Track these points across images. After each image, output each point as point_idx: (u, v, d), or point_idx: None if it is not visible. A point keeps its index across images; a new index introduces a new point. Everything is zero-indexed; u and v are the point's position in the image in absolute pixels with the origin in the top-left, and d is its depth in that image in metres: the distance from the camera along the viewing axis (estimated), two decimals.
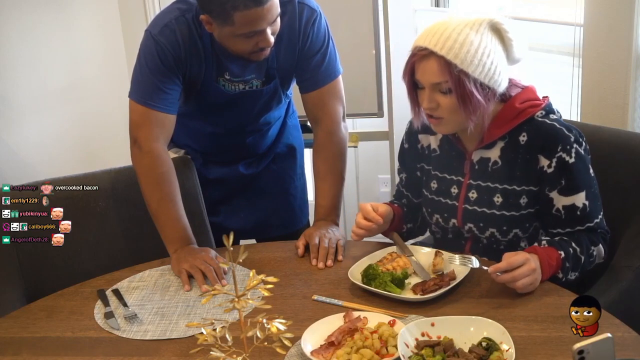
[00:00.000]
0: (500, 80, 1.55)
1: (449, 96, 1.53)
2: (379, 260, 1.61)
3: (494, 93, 1.56)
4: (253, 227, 2.12)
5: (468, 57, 1.49)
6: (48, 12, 2.80)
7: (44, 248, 1.70)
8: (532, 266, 1.45)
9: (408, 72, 1.58)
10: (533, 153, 1.58)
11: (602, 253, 1.60)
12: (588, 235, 1.58)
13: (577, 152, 1.56)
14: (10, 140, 2.61)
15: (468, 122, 1.55)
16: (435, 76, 1.52)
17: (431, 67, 1.52)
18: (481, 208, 1.66)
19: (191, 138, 2.05)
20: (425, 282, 1.52)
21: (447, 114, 1.55)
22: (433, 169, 1.75)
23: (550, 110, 1.62)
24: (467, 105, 1.52)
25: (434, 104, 1.55)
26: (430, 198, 1.75)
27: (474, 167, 1.67)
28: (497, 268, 1.44)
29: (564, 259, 1.52)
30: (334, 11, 2.57)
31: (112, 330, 1.48)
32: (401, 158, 1.86)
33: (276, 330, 1.06)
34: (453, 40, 1.50)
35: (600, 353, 1.06)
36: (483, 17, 1.54)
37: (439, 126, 1.61)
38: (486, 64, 1.51)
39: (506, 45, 1.55)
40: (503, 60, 1.55)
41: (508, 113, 1.60)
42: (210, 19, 1.66)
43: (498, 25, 1.53)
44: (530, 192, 1.61)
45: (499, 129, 1.60)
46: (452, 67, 1.50)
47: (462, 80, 1.50)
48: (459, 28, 1.51)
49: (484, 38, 1.52)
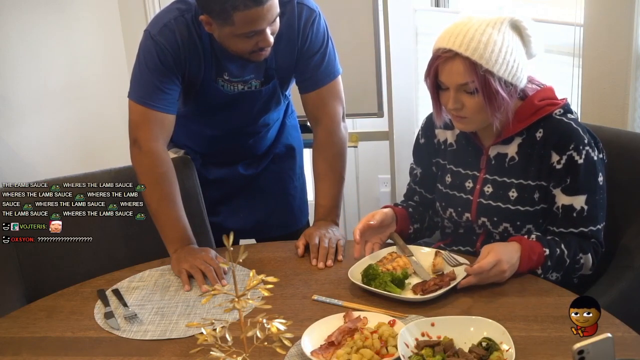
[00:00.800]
0: (522, 76, 1.58)
1: (475, 96, 1.55)
2: (379, 260, 1.61)
3: (516, 89, 1.58)
4: (252, 227, 2.12)
5: (493, 57, 1.51)
6: (48, 12, 2.79)
7: (44, 248, 1.71)
8: (502, 268, 1.48)
9: (432, 74, 1.59)
10: (547, 149, 1.60)
11: (589, 264, 1.59)
12: (579, 241, 1.58)
13: (587, 154, 1.56)
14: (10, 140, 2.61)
15: (493, 119, 1.57)
16: (461, 77, 1.53)
17: (457, 69, 1.53)
18: (496, 202, 1.66)
19: (190, 139, 2.05)
20: (425, 282, 1.52)
21: (472, 113, 1.58)
22: (448, 163, 1.76)
23: (568, 110, 1.63)
24: (492, 104, 1.54)
25: (459, 104, 1.57)
26: (444, 192, 1.76)
27: (490, 162, 1.67)
28: (468, 271, 1.48)
29: (547, 257, 1.53)
30: (334, 11, 2.57)
31: (112, 330, 1.48)
32: (417, 153, 1.87)
33: (276, 330, 1.06)
34: (477, 40, 1.51)
35: (600, 353, 1.06)
36: (504, 16, 1.56)
37: (464, 124, 1.63)
38: (509, 62, 1.53)
39: (525, 42, 1.58)
40: (523, 57, 1.58)
41: (527, 110, 1.61)
42: (209, 19, 1.66)
43: (518, 23, 1.56)
44: (542, 187, 1.62)
45: (517, 125, 1.62)
46: (478, 67, 1.51)
47: (488, 80, 1.52)
48: (481, 28, 1.52)
49: (506, 37, 1.54)
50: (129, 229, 1.94)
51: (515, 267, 1.51)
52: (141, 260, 1.81)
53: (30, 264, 1.82)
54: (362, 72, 2.74)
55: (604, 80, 2.23)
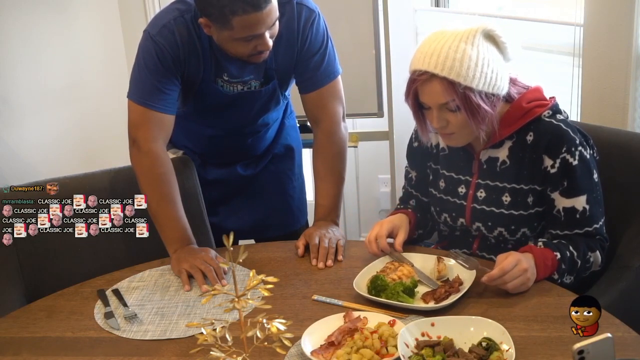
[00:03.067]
0: (503, 84, 1.57)
1: (458, 113, 1.54)
2: (381, 270, 1.59)
3: (499, 98, 1.57)
4: (251, 228, 2.12)
5: (470, 73, 1.50)
6: (48, 12, 2.79)
7: (44, 248, 1.71)
8: (523, 266, 1.45)
9: (412, 96, 1.58)
10: (538, 152, 1.59)
11: (598, 260, 1.59)
12: (586, 241, 1.58)
13: (581, 154, 1.56)
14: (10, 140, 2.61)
15: (479, 131, 1.57)
16: (441, 97, 1.53)
17: (435, 89, 1.53)
18: (489, 207, 1.66)
19: (189, 139, 2.05)
20: (435, 290, 1.50)
21: (458, 128, 1.57)
22: (441, 168, 1.75)
23: (557, 111, 1.62)
24: (476, 118, 1.54)
25: (443, 122, 1.57)
26: (438, 197, 1.76)
27: (482, 167, 1.67)
28: (490, 277, 1.45)
29: (560, 260, 1.52)
30: (334, 11, 2.57)
31: (112, 330, 1.48)
32: (411, 156, 1.86)
33: (276, 330, 1.06)
34: (452, 59, 1.50)
35: (600, 353, 1.06)
36: (475, 27, 1.54)
37: (452, 140, 1.62)
38: (487, 74, 1.52)
39: (501, 49, 1.56)
40: (501, 64, 1.56)
41: (515, 113, 1.61)
42: (208, 22, 1.66)
43: (491, 33, 1.54)
44: (536, 191, 1.61)
45: (507, 128, 1.61)
46: (457, 85, 1.51)
47: (469, 96, 1.51)
48: (454, 45, 1.51)
49: (481, 49, 1.52)
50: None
51: (534, 271, 1.48)
52: (141, 260, 1.81)
53: (30, 264, 1.82)
54: (362, 72, 2.74)
55: (604, 80, 2.23)
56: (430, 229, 1.86)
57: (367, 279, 1.54)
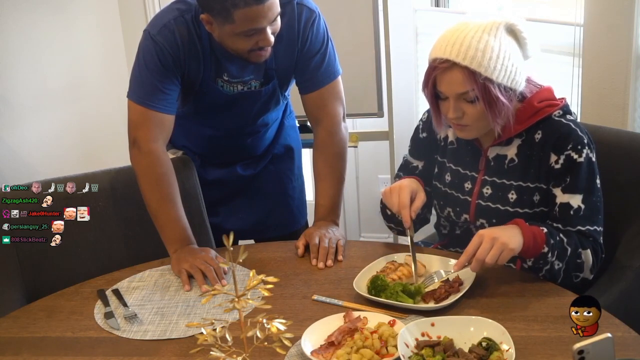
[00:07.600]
0: (521, 80, 1.57)
1: (476, 104, 1.54)
2: (381, 270, 1.59)
3: (515, 93, 1.57)
4: (251, 228, 2.13)
5: (491, 64, 1.50)
6: (48, 12, 2.80)
7: (44, 248, 1.70)
8: (490, 236, 1.44)
9: (430, 85, 1.58)
10: (546, 151, 1.59)
11: (590, 260, 1.54)
12: (578, 237, 1.55)
13: (587, 155, 1.56)
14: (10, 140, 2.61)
15: (494, 124, 1.56)
16: (461, 86, 1.52)
17: (456, 78, 1.52)
18: (495, 204, 1.66)
19: (189, 140, 2.05)
20: (435, 290, 1.50)
21: (473, 121, 1.57)
22: (448, 161, 1.75)
23: (567, 111, 1.63)
24: (493, 110, 1.53)
25: (459, 113, 1.56)
26: (443, 191, 1.75)
27: (489, 164, 1.67)
28: (459, 265, 1.46)
29: (547, 234, 1.50)
30: (334, 11, 2.57)
31: (112, 330, 1.48)
32: (417, 147, 1.83)
33: (276, 330, 1.06)
34: (474, 48, 1.50)
35: (600, 353, 1.06)
36: (499, 20, 1.55)
37: (465, 132, 1.62)
38: (508, 67, 1.52)
39: (521, 45, 1.57)
40: (521, 60, 1.57)
41: (526, 111, 1.61)
42: (210, 17, 1.66)
43: (513, 27, 1.55)
44: (542, 190, 1.61)
45: (517, 126, 1.61)
46: (477, 75, 1.50)
47: (488, 87, 1.51)
48: (477, 35, 1.51)
49: (503, 42, 1.53)
50: (129, 229, 1.94)
51: (511, 235, 1.46)
52: (141, 260, 1.80)
53: (30, 264, 1.82)
54: (362, 72, 2.74)
55: (604, 80, 2.23)
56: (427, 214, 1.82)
57: (367, 279, 1.54)
